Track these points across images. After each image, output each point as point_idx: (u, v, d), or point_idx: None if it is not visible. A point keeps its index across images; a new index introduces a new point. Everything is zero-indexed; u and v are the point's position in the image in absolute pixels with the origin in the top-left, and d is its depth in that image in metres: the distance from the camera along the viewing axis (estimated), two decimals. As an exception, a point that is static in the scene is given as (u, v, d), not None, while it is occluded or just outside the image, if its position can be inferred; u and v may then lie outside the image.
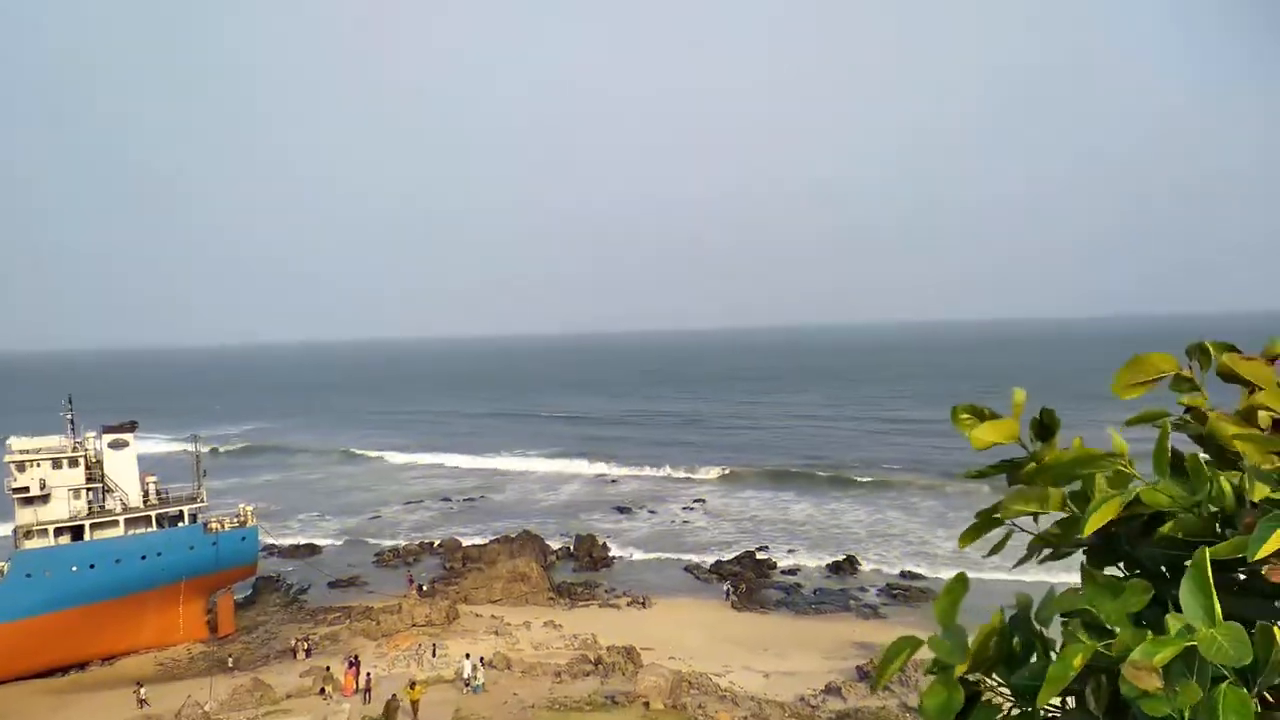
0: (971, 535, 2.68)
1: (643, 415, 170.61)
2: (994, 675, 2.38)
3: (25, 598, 48.26)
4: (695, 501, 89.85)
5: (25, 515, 50.90)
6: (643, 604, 58.48)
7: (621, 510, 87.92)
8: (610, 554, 71.17)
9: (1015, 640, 2.40)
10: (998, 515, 2.56)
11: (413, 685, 38.21)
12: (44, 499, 51.31)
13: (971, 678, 2.36)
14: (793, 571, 65.58)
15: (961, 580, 2.48)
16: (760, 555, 68.50)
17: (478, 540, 74.84)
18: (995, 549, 2.69)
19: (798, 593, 60.73)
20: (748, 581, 62.08)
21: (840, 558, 66.76)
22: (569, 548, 72.90)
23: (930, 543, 70.30)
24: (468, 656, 43.72)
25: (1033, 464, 2.60)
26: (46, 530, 50.58)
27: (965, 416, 2.71)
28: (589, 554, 70.41)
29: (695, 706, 37.77)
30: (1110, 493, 2.32)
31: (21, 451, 52.01)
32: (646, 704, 37.36)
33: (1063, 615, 2.26)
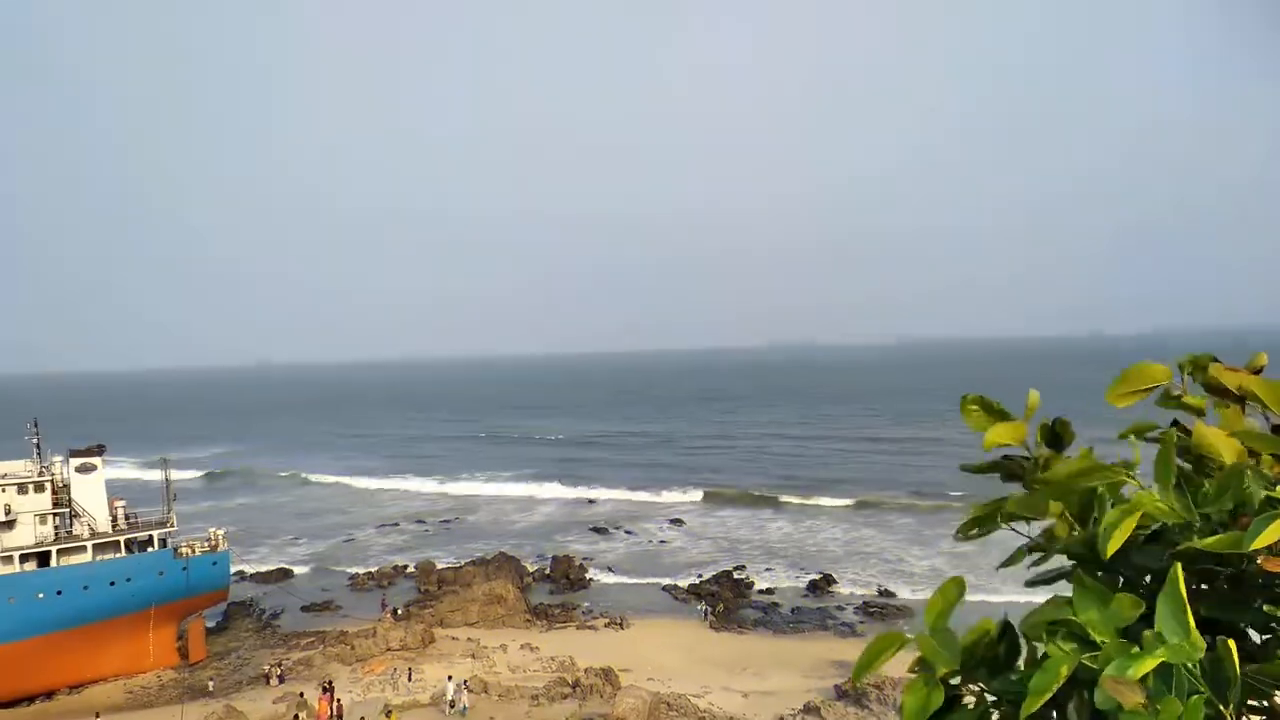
0: (968, 528, 2.67)
1: (616, 436, 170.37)
2: (976, 679, 2.37)
3: (-10, 625, 47.23)
4: (672, 522, 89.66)
5: (-10, 542, 49.89)
6: (620, 625, 58.18)
7: (598, 531, 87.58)
8: (587, 575, 70.84)
9: (1001, 645, 2.41)
10: (998, 513, 2.56)
11: (388, 713, 37.52)
12: (9, 525, 50.31)
13: (953, 680, 2.35)
14: (770, 591, 65.56)
15: (958, 584, 2.48)
16: (737, 575, 68.44)
17: (453, 563, 74.22)
18: (1009, 562, 2.68)
19: (775, 612, 60.71)
20: (725, 601, 62.00)
21: (817, 576, 66.92)
22: (545, 569, 72.47)
23: (906, 561, 70.62)
24: (450, 679, 43.34)
25: (1034, 468, 2.62)
26: (12, 557, 49.50)
27: (973, 408, 2.71)
28: (566, 575, 70.02)
29: (674, 728, 37.59)
30: (1124, 509, 2.29)
31: (-14, 477, 51.06)
32: (625, 726, 37.15)
33: (1049, 625, 2.24)
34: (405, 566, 74.84)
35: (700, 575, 68.89)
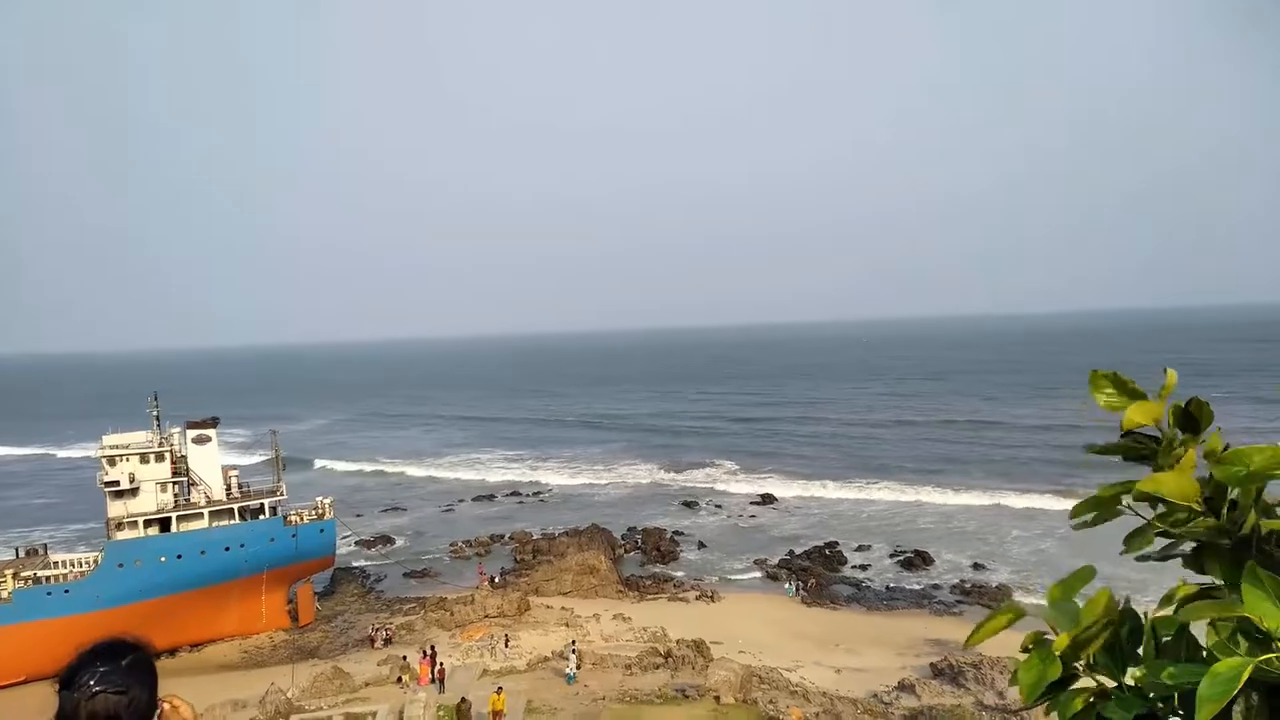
0: (1086, 508, 2.56)
1: (701, 412, 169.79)
2: (1096, 665, 2.30)
3: (118, 586, 50.32)
4: (762, 498, 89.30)
5: (116, 508, 53.02)
6: (711, 598, 58.42)
7: (687, 505, 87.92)
8: (678, 548, 71.27)
9: (1124, 629, 2.33)
10: (1121, 495, 2.44)
11: (499, 690, 36.54)
12: (133, 492, 53.36)
13: (1068, 658, 2.28)
14: (863, 567, 64.83)
15: (1088, 571, 2.44)
16: (829, 551, 67.84)
17: (547, 533, 75.65)
18: (1133, 545, 2.50)
19: (868, 589, 59.99)
20: (817, 577, 61.56)
21: (912, 554, 65.82)
22: (637, 541, 73.23)
23: (1004, 543, 68.70)
24: (573, 643, 44.42)
25: (1167, 450, 2.48)
26: (136, 522, 52.61)
27: (1106, 385, 2.58)
28: (656, 548, 70.61)
29: (766, 701, 37.55)
30: None
31: (112, 447, 54.16)
32: (717, 698, 37.30)
33: (1217, 620, 2.11)
34: (501, 536, 76.67)
35: (792, 551, 68.48)
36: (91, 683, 2.92)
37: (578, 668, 42.11)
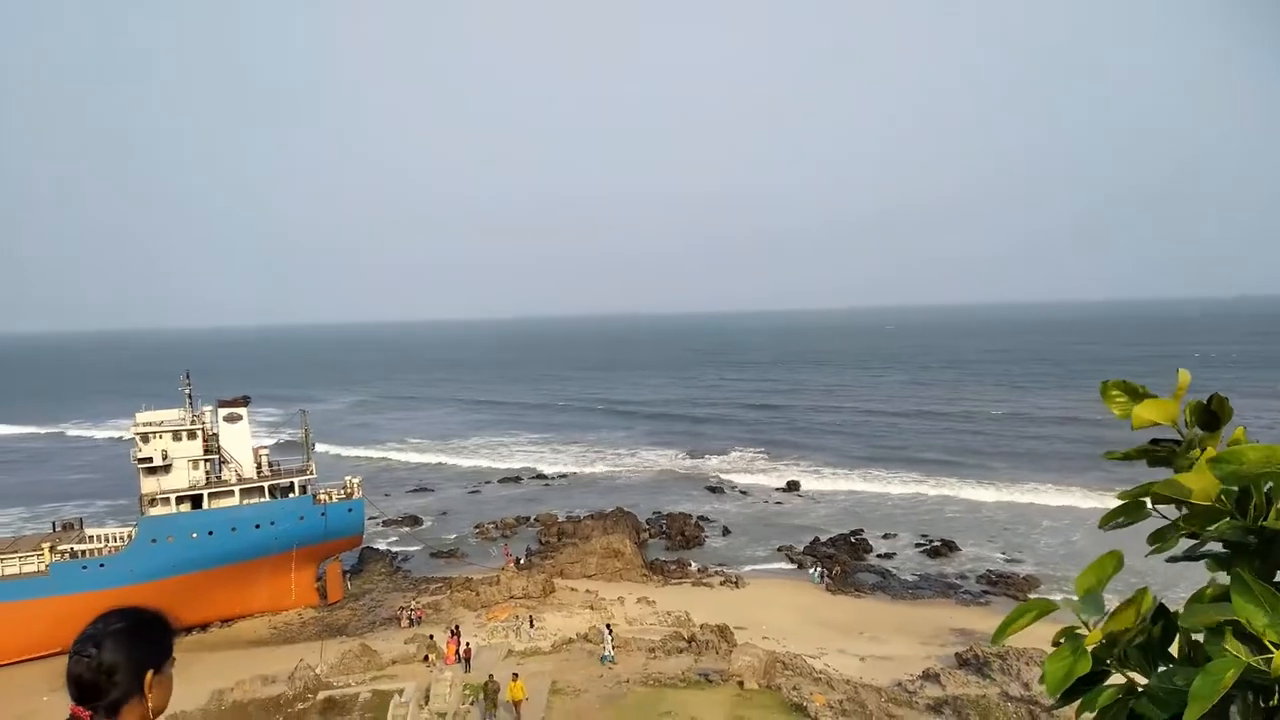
0: (1113, 517, 2.54)
1: (719, 400, 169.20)
2: (1127, 661, 2.29)
3: (151, 561, 51.21)
4: (787, 484, 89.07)
5: (149, 484, 53.87)
6: (735, 583, 58.44)
7: (712, 490, 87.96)
8: (702, 533, 71.33)
9: (1156, 628, 2.31)
10: (1143, 499, 2.41)
11: (515, 677, 36.10)
12: (166, 469, 54.21)
13: (1099, 653, 2.27)
14: (889, 556, 64.51)
15: (1115, 558, 2.38)
16: (855, 539, 67.59)
17: (572, 516, 75.99)
18: (1158, 546, 2.50)
19: (894, 577, 59.68)
20: (842, 564, 61.37)
21: (938, 543, 65.46)
22: (661, 526, 73.36)
23: (1033, 534, 68.09)
24: (608, 626, 44.72)
25: (1186, 450, 2.46)
26: (169, 498, 53.43)
27: (1117, 394, 2.56)
28: (681, 532, 70.69)
29: (790, 688, 37.51)
30: None
31: (146, 424, 54.99)
32: (741, 683, 37.36)
33: (1216, 624, 2.12)
34: (527, 518, 77.12)
35: (817, 538, 68.29)
36: (73, 647, 3.09)
37: (609, 654, 42.25)
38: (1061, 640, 2.29)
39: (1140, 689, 2.24)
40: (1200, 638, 2.23)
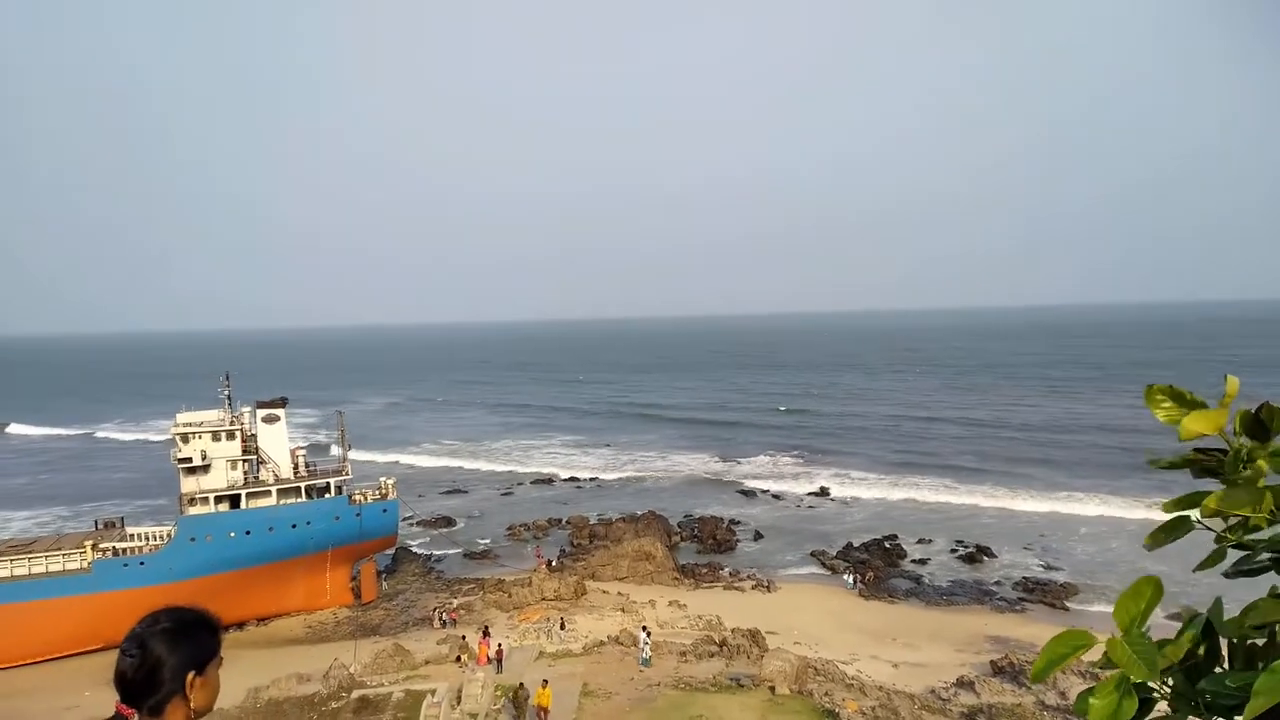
0: (1161, 535, 2.44)
1: (750, 404, 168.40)
2: (1175, 686, 2.19)
3: (190, 559, 52.06)
4: (819, 489, 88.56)
5: (189, 483, 54.76)
6: (767, 588, 58.21)
7: (744, 494, 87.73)
8: (734, 537, 71.10)
9: (1201, 647, 2.22)
10: (1193, 514, 2.34)
11: (545, 684, 35.86)
12: (205, 469, 55.06)
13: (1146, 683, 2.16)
14: (923, 561, 63.91)
15: (1153, 584, 2.27)
16: (888, 544, 67.02)
17: (604, 518, 76.10)
18: (1207, 564, 2.44)
19: (928, 583, 59.16)
20: (875, 569, 60.90)
21: (973, 549, 64.74)
22: (693, 530, 73.22)
23: (1069, 541, 67.10)
24: (644, 628, 44.84)
25: (1235, 461, 2.37)
26: (208, 498, 54.27)
27: (1162, 399, 2.47)
28: (712, 536, 70.54)
29: (821, 694, 37.26)
30: None
31: (186, 424, 55.88)
32: (772, 688, 37.14)
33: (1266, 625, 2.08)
34: (559, 520, 77.37)
35: (850, 543, 67.80)
36: (121, 646, 3.17)
37: (647, 655, 42.22)
38: (1103, 668, 2.18)
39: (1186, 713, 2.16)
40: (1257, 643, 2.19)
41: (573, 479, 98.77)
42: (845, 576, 59.71)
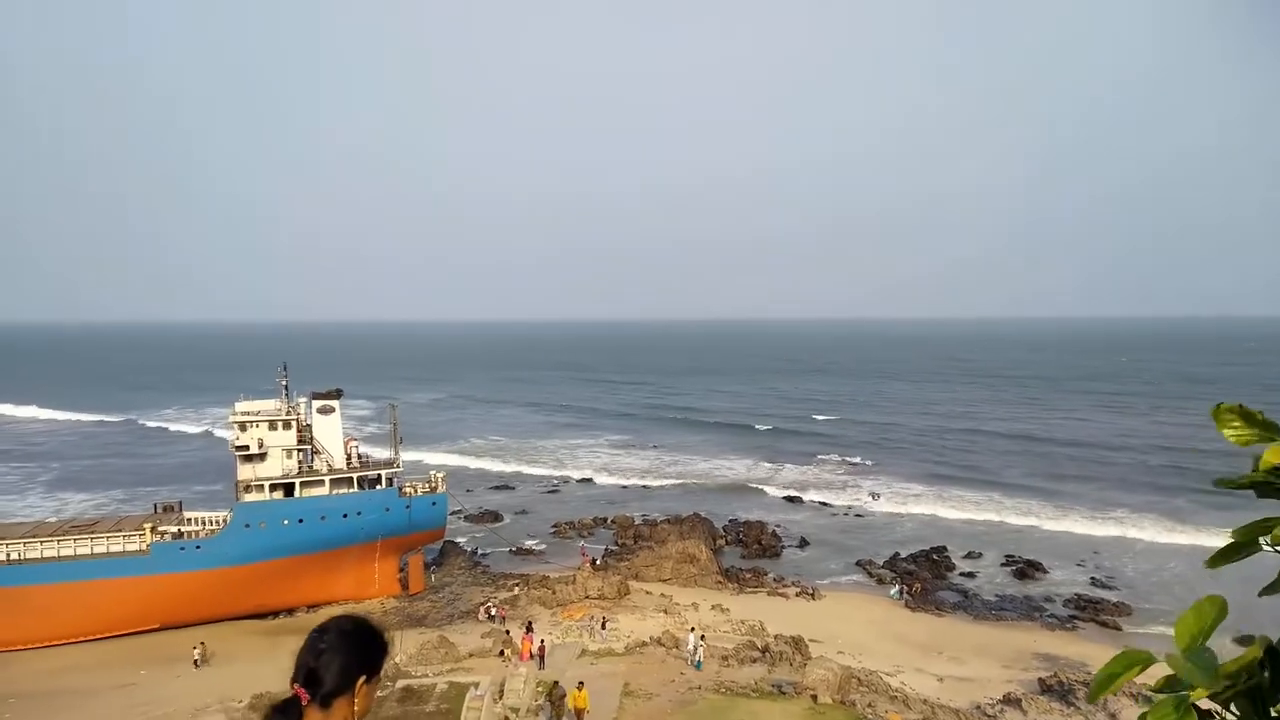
0: (1224, 557, 2.41)
1: (795, 412, 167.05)
2: (1238, 712, 2.16)
3: (244, 545, 53.22)
4: (870, 494, 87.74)
5: (245, 471, 55.99)
6: (812, 595, 57.84)
7: (790, 501, 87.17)
8: (779, 543, 70.73)
9: (1266, 672, 2.19)
10: (1260, 538, 2.31)
11: (580, 686, 35.89)
12: (261, 457, 56.23)
13: (1205, 706, 2.14)
14: (971, 575, 63.00)
15: (1216, 604, 2.24)
16: (936, 556, 66.17)
17: (649, 518, 76.21)
18: (1275, 587, 2.40)
19: (976, 597, 58.29)
20: (922, 581, 60.16)
21: (1023, 564, 63.65)
22: (738, 534, 72.99)
23: (1123, 559, 65.66)
24: (693, 630, 45.11)
25: None
26: (263, 486, 55.43)
27: (1231, 418, 2.40)
28: (758, 541, 70.26)
29: (864, 704, 36.98)
30: None
31: (244, 413, 57.15)
32: (814, 696, 36.93)
33: None
34: (604, 519, 77.66)
35: (897, 554, 67.06)
36: (310, 635, 3.47)
37: (701, 661, 42.26)
38: (1163, 690, 2.17)
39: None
40: None
41: (617, 479, 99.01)
42: (891, 587, 59.11)
